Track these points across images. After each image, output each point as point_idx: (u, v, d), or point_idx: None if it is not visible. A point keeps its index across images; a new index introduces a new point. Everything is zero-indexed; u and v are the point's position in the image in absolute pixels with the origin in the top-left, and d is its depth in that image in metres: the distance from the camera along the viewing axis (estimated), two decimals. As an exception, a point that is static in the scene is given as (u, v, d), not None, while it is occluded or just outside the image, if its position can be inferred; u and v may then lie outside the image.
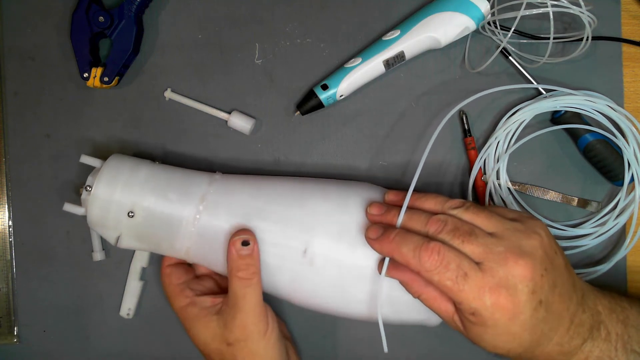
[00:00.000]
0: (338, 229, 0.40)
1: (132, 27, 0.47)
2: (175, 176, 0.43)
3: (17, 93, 0.50)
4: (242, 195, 0.42)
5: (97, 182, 0.42)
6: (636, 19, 0.48)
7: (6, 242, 0.50)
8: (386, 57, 0.46)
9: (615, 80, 0.48)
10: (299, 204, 0.41)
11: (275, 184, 0.43)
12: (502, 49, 0.46)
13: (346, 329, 0.49)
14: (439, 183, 0.49)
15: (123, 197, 0.42)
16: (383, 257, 0.39)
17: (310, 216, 0.41)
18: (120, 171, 0.43)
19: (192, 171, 0.45)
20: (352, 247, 0.40)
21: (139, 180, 0.42)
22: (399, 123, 0.49)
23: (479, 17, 0.45)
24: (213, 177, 0.44)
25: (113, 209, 0.42)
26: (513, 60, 0.47)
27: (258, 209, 0.41)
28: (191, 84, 0.50)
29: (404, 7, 0.48)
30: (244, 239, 0.40)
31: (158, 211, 0.42)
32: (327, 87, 0.46)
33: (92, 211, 0.42)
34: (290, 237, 0.41)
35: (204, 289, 0.44)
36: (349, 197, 0.42)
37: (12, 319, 0.50)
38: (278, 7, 0.49)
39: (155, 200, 0.42)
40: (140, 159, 0.44)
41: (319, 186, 0.43)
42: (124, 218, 0.42)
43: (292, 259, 0.40)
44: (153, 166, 0.44)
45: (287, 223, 0.41)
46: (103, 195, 0.42)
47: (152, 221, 0.42)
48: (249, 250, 0.40)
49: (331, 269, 0.40)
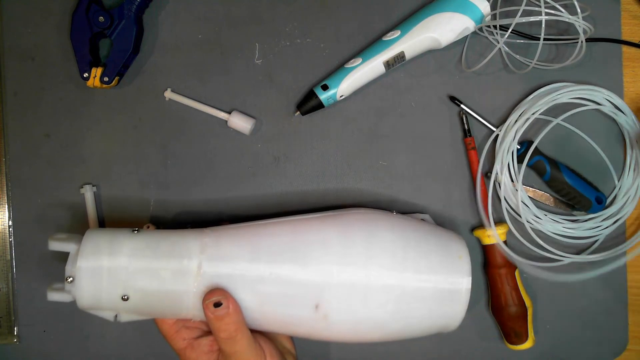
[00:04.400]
0: (347, 281, 0.38)
1: (132, 27, 0.47)
2: (162, 248, 0.39)
3: (17, 93, 0.50)
4: (240, 263, 0.39)
5: (78, 274, 0.38)
6: (636, 19, 0.48)
7: (6, 242, 0.50)
8: (386, 57, 0.46)
9: (615, 80, 0.48)
10: (302, 261, 0.39)
11: (272, 239, 0.40)
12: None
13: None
14: (438, 183, 0.49)
15: (112, 284, 0.38)
16: None
17: (316, 272, 0.39)
18: (101, 255, 0.38)
19: (180, 237, 0.40)
20: (364, 300, 0.39)
21: (124, 262, 0.38)
22: (399, 123, 0.49)
23: (478, 18, 0.45)
24: (203, 240, 0.40)
25: (104, 297, 0.38)
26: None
27: (259, 274, 0.39)
28: (191, 84, 0.50)
29: (404, 8, 0.48)
30: (215, 301, 0.38)
31: (154, 291, 0.39)
32: (328, 87, 0.46)
33: (81, 301, 0.38)
34: (298, 295, 0.39)
35: (200, 332, 0.42)
36: (354, 244, 0.39)
37: (12, 319, 0.50)
38: (278, 7, 0.49)
39: (149, 282, 0.38)
40: (117, 231, 0.40)
41: (319, 236, 0.40)
42: (118, 302, 0.38)
43: (303, 316, 0.39)
44: (134, 239, 0.40)
45: (292, 283, 0.39)
46: (89, 286, 0.38)
47: (150, 300, 0.39)
48: (224, 310, 0.38)
49: (345, 321, 0.39)
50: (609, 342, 0.49)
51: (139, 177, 0.50)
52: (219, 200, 0.49)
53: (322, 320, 0.39)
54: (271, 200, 0.49)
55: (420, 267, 0.39)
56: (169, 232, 0.41)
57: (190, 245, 0.40)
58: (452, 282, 0.39)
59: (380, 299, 0.39)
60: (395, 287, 0.39)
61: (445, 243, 0.41)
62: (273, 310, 0.39)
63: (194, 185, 0.50)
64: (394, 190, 0.49)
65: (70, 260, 0.39)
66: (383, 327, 0.40)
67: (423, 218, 0.46)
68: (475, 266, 0.49)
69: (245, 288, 0.39)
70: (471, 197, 0.48)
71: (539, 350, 0.49)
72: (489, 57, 0.45)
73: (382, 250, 0.39)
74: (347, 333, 0.40)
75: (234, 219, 0.49)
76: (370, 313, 0.39)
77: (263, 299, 0.39)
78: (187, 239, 0.40)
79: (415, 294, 0.39)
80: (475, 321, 0.49)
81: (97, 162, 0.50)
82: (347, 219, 0.42)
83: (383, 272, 0.39)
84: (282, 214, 0.45)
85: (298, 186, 0.49)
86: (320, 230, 0.41)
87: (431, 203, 0.49)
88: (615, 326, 0.49)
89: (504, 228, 0.47)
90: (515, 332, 0.46)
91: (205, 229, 0.42)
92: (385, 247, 0.39)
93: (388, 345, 0.49)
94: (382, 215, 0.43)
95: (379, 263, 0.39)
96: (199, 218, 0.49)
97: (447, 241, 0.42)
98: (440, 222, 0.49)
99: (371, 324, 0.39)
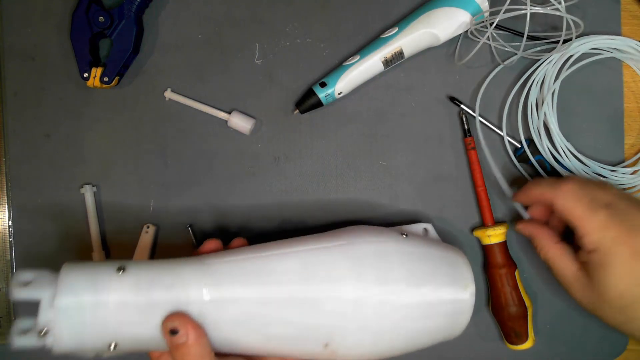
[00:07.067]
0: (360, 322, 0.37)
1: (132, 27, 0.47)
2: (156, 293, 0.34)
3: (17, 93, 0.50)
4: (246, 305, 0.35)
5: (56, 322, 0.32)
6: (636, 19, 0.48)
7: (6, 242, 0.50)
8: (384, 54, 0.46)
9: (615, 80, 0.48)
10: (314, 303, 0.36)
11: (282, 275, 0.37)
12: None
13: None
14: (438, 183, 0.49)
15: (97, 340, 0.33)
16: None
17: (329, 314, 0.36)
18: (82, 297, 0.32)
19: (175, 276, 0.35)
20: (375, 339, 0.38)
21: (111, 312, 0.33)
22: (399, 123, 0.49)
23: (476, 12, 0.45)
24: (203, 280, 0.35)
25: (88, 345, 0.33)
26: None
27: (265, 314, 0.36)
28: (191, 84, 0.50)
29: (403, 7, 0.48)
30: (171, 328, 0.33)
31: (147, 338, 0.34)
32: (326, 84, 0.46)
33: (61, 349, 0.33)
34: (309, 337, 0.37)
35: None
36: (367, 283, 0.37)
37: (12, 319, 0.50)
38: (278, 7, 0.49)
39: (143, 329, 0.34)
40: (99, 271, 0.34)
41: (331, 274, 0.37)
42: (103, 349, 0.34)
43: (311, 352, 0.37)
44: (121, 281, 0.34)
45: (303, 326, 0.36)
46: (69, 345, 0.32)
47: (141, 346, 0.35)
48: (181, 338, 0.33)
49: (354, 355, 0.38)
50: (609, 342, 0.49)
51: (139, 177, 0.50)
52: (219, 200, 0.49)
53: (330, 355, 0.38)
54: (271, 200, 0.49)
55: (428, 291, 0.38)
56: (162, 265, 0.36)
57: (188, 283, 0.35)
58: (457, 297, 0.40)
59: (392, 333, 0.38)
60: (406, 316, 0.38)
61: (452, 261, 0.41)
62: (279, 349, 0.37)
63: (194, 185, 0.50)
64: (393, 190, 0.49)
65: (43, 309, 0.32)
66: (387, 347, 0.39)
67: (425, 227, 0.45)
68: (475, 266, 0.49)
69: (250, 326, 0.36)
70: (471, 197, 0.48)
71: (539, 350, 0.49)
72: (475, 48, 0.44)
73: (395, 287, 0.38)
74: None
75: (233, 219, 0.49)
76: (380, 350, 0.38)
77: (269, 338, 0.36)
78: (184, 276, 0.35)
79: (422, 313, 0.39)
80: (475, 321, 0.49)
81: (97, 162, 0.50)
82: (358, 251, 0.39)
83: (396, 306, 0.37)
84: (281, 215, 0.45)
85: (298, 186, 0.49)
86: (331, 264, 0.38)
87: (431, 203, 0.49)
88: (615, 326, 0.49)
89: (504, 228, 0.47)
90: (515, 332, 0.46)
91: (204, 259, 0.37)
92: (398, 284, 0.38)
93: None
94: (394, 245, 0.40)
95: (392, 298, 0.37)
96: (199, 218, 0.49)
97: (452, 259, 0.41)
98: (440, 222, 0.49)
99: (379, 356, 0.39)
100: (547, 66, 0.46)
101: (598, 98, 0.48)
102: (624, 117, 0.48)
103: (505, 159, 0.48)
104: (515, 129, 0.48)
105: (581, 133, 0.48)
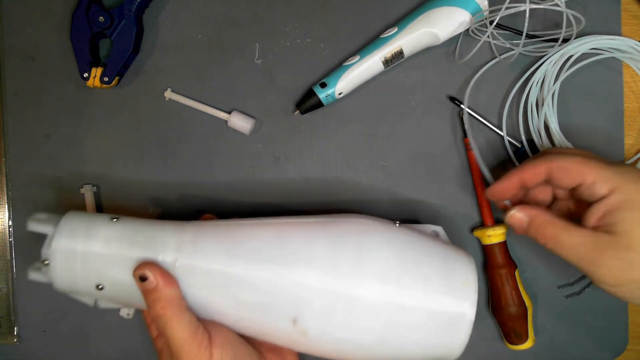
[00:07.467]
0: (328, 298, 0.35)
1: (132, 27, 0.47)
2: (138, 240, 0.38)
3: (17, 93, 0.50)
4: (216, 262, 0.37)
5: (52, 257, 0.37)
6: (636, 19, 0.48)
7: (6, 242, 0.50)
8: (384, 54, 0.46)
9: (615, 80, 0.48)
10: (281, 267, 0.36)
11: (253, 240, 0.38)
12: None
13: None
14: (438, 183, 0.49)
15: (86, 271, 0.37)
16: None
17: (295, 282, 0.36)
18: (76, 239, 0.37)
19: (158, 230, 0.39)
20: (347, 321, 0.35)
21: (99, 250, 0.37)
22: (399, 123, 0.49)
23: (476, 11, 0.45)
24: (182, 236, 0.38)
25: (79, 283, 0.38)
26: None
27: (235, 275, 0.36)
28: (191, 84, 0.50)
29: (403, 7, 0.48)
30: (140, 274, 0.36)
31: (127, 283, 0.37)
32: (326, 85, 0.46)
33: (58, 284, 0.38)
34: (275, 305, 0.36)
35: None
36: (341, 258, 0.36)
37: (12, 319, 0.50)
38: (278, 7, 0.49)
39: (122, 273, 0.37)
40: (96, 217, 0.39)
41: (304, 244, 0.37)
42: (93, 290, 0.38)
43: (281, 329, 0.36)
44: (112, 227, 0.38)
45: (269, 290, 0.36)
46: (63, 271, 0.37)
47: (123, 291, 0.38)
48: (150, 284, 0.36)
49: (326, 342, 0.36)
50: (609, 342, 0.49)
51: (139, 177, 0.50)
52: (218, 200, 0.49)
53: (301, 335, 0.36)
54: (271, 200, 0.49)
55: (414, 291, 0.35)
56: (148, 222, 0.39)
57: (167, 240, 0.38)
58: (451, 310, 0.36)
59: (366, 321, 0.35)
60: (384, 311, 0.35)
61: (452, 265, 0.37)
62: (249, 317, 0.37)
63: (194, 185, 0.50)
64: (393, 191, 0.49)
65: (47, 243, 0.38)
66: (369, 351, 0.36)
67: (435, 230, 0.42)
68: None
69: (221, 289, 0.37)
70: (471, 197, 0.48)
71: (539, 350, 0.49)
72: (476, 47, 0.45)
73: (373, 267, 0.36)
74: (329, 353, 0.37)
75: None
76: (354, 335, 0.35)
77: (239, 303, 0.37)
78: (165, 233, 0.38)
79: (406, 319, 0.35)
80: (476, 321, 0.49)
81: (97, 162, 0.50)
82: (338, 228, 0.38)
83: (370, 292, 0.35)
84: (281, 214, 0.45)
85: (298, 186, 0.49)
86: (307, 237, 0.37)
87: (431, 203, 0.49)
88: (615, 326, 0.49)
89: (504, 228, 0.47)
90: (515, 332, 0.46)
91: (185, 223, 0.39)
92: (376, 265, 0.36)
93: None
94: (380, 227, 0.38)
95: (367, 282, 0.35)
96: (199, 218, 0.49)
97: (454, 263, 0.38)
98: (440, 222, 0.49)
99: (355, 347, 0.36)
100: (547, 66, 0.46)
101: (598, 98, 0.48)
102: (624, 117, 0.48)
103: (505, 159, 0.48)
104: (516, 129, 0.48)
105: (581, 133, 0.48)
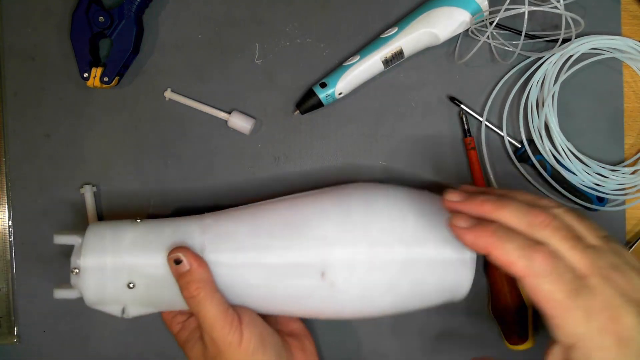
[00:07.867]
0: (349, 247, 0.39)
1: (132, 27, 0.47)
2: (165, 233, 0.40)
3: (17, 93, 0.50)
4: (240, 237, 0.40)
5: (82, 261, 0.39)
6: (636, 19, 0.48)
7: (6, 242, 0.50)
8: (384, 54, 0.46)
9: (615, 80, 0.48)
10: (301, 231, 0.39)
11: (271, 213, 0.41)
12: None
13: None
14: (438, 183, 0.49)
15: (116, 270, 0.39)
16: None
17: (317, 241, 0.39)
18: (104, 242, 0.40)
19: (180, 221, 0.42)
20: (368, 264, 0.38)
21: (127, 247, 0.40)
22: (399, 123, 0.49)
23: (476, 11, 0.45)
24: (204, 222, 0.41)
25: (109, 285, 0.39)
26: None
27: (261, 246, 0.39)
28: (191, 84, 0.50)
29: (403, 7, 0.48)
30: (175, 258, 0.38)
31: (160, 275, 0.39)
32: (326, 85, 0.46)
33: (87, 293, 0.40)
34: (302, 265, 0.39)
35: (191, 314, 0.43)
36: (351, 213, 0.40)
37: (12, 319, 0.50)
38: (278, 7, 0.49)
39: (154, 262, 0.39)
40: (120, 223, 0.42)
41: (316, 208, 0.41)
42: (124, 291, 0.39)
43: (310, 286, 0.39)
44: (136, 226, 0.41)
45: (295, 253, 0.39)
46: (94, 275, 0.39)
47: (156, 287, 0.40)
48: (184, 267, 0.38)
49: (354, 286, 0.39)
50: (609, 342, 0.49)
51: (139, 177, 0.50)
52: (219, 200, 0.49)
53: (329, 288, 0.39)
54: (271, 200, 0.49)
55: (419, 234, 0.39)
56: (171, 219, 0.42)
57: (192, 228, 0.41)
58: (457, 257, 0.39)
59: (385, 262, 0.38)
60: (397, 252, 0.38)
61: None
62: (281, 285, 0.39)
63: (194, 185, 0.50)
64: (394, 190, 0.49)
65: (75, 252, 0.40)
66: (392, 290, 0.39)
67: None
68: (475, 266, 0.48)
69: (250, 263, 0.39)
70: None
71: (539, 350, 0.48)
72: (475, 47, 0.45)
73: (380, 217, 0.39)
74: (357, 301, 0.39)
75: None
76: (376, 276, 0.39)
77: (268, 273, 0.39)
78: (189, 222, 0.41)
79: (418, 258, 0.38)
80: (476, 321, 0.49)
81: (97, 162, 0.50)
82: (344, 191, 0.42)
83: (382, 237, 0.39)
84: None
85: (298, 186, 0.49)
86: (318, 202, 0.41)
87: (431, 203, 0.49)
88: (616, 326, 0.49)
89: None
90: (515, 332, 0.46)
91: (204, 214, 0.43)
92: (383, 215, 0.39)
93: (387, 341, 0.49)
94: (382, 186, 0.42)
95: (378, 229, 0.39)
96: (199, 218, 0.49)
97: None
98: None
99: (380, 288, 0.39)
100: (547, 66, 0.46)
101: (598, 98, 0.48)
102: (624, 117, 0.48)
103: (505, 159, 0.48)
104: (516, 129, 0.48)
105: (581, 133, 0.48)
